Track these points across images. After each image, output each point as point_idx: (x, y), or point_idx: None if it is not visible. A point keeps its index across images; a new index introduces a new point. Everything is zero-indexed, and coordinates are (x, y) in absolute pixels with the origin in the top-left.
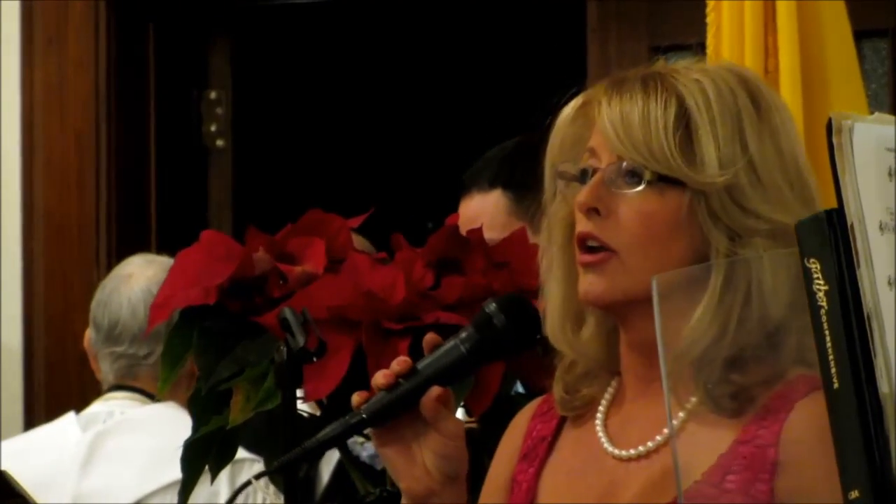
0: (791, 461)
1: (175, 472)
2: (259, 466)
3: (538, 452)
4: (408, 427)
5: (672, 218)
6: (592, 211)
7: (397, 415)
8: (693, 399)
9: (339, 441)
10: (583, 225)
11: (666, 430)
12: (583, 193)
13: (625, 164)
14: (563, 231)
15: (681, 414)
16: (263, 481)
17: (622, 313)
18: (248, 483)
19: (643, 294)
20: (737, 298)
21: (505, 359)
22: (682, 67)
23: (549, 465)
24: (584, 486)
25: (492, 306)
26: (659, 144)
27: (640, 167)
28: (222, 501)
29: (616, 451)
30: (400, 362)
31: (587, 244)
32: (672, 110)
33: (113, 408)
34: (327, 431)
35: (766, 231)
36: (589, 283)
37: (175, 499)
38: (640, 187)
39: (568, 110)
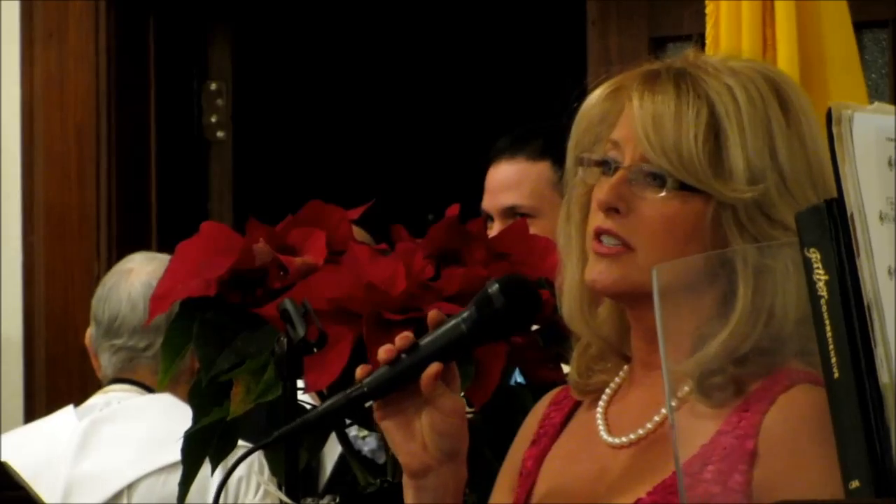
0: (769, 453)
1: (167, 457)
2: (253, 455)
3: (546, 438)
4: (409, 401)
5: (694, 223)
6: (612, 209)
7: (398, 389)
8: (685, 388)
9: (340, 413)
10: (601, 220)
11: (656, 418)
12: (604, 192)
13: (650, 166)
14: (580, 211)
15: (672, 402)
16: (258, 466)
17: (630, 302)
18: (244, 457)
19: (650, 290)
20: (762, 312)
21: (505, 338)
22: (713, 67)
23: (553, 450)
24: (578, 471)
25: (493, 286)
26: (689, 153)
27: (666, 172)
28: (213, 485)
29: (608, 439)
30: (403, 338)
31: (602, 239)
32: (703, 118)
33: (111, 399)
34: (329, 403)
35: (794, 242)
36: (599, 272)
37: (166, 482)
38: (664, 192)
39: (596, 95)
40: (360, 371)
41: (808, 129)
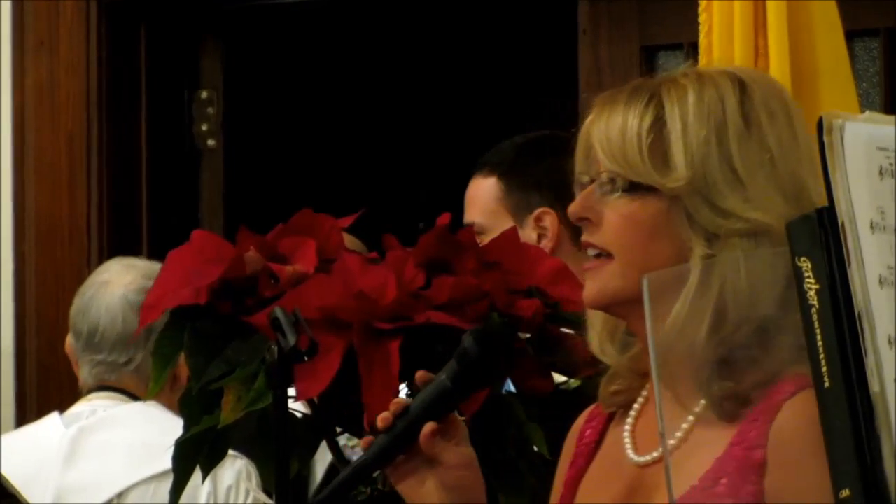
0: (778, 461)
1: (156, 466)
2: (241, 463)
3: (581, 458)
4: (416, 461)
5: (652, 221)
6: (584, 220)
7: (399, 454)
8: (702, 402)
9: (350, 487)
10: (583, 234)
11: (678, 434)
12: (573, 204)
13: (608, 173)
14: None
15: (690, 418)
16: (245, 475)
17: (621, 315)
18: None
19: (633, 295)
20: (710, 298)
21: (490, 384)
22: (681, 73)
23: (589, 471)
24: (610, 491)
25: (468, 339)
26: (631, 150)
27: (615, 174)
28: (203, 495)
29: (635, 458)
30: (394, 404)
31: (588, 251)
32: (649, 117)
33: (96, 406)
34: (338, 479)
35: (743, 230)
36: (585, 290)
37: (156, 492)
38: (618, 194)
39: (586, 122)
40: (363, 442)
41: (773, 128)
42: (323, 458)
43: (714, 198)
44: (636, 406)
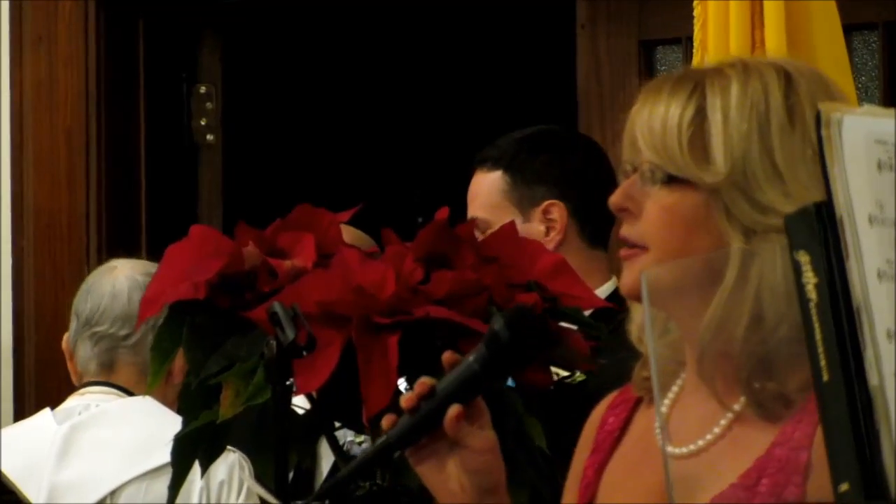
0: (823, 465)
1: (150, 462)
2: (234, 456)
3: (606, 445)
4: (439, 444)
5: (691, 215)
6: (624, 211)
7: (422, 436)
8: (741, 400)
9: (371, 467)
10: (622, 227)
11: (716, 430)
12: (614, 194)
13: (648, 164)
14: None
15: (729, 415)
16: (238, 467)
17: (658, 304)
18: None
19: (671, 286)
20: (749, 292)
21: (519, 370)
22: (728, 63)
23: (613, 459)
24: (639, 481)
25: (499, 322)
26: (671, 144)
27: (655, 165)
28: (196, 491)
29: (669, 449)
30: (420, 385)
31: (627, 244)
32: (690, 110)
33: (89, 401)
34: (358, 460)
35: (782, 226)
36: (622, 279)
37: (148, 489)
38: (657, 186)
39: (632, 111)
40: (385, 421)
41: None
42: (329, 453)
43: (753, 192)
44: (670, 395)
